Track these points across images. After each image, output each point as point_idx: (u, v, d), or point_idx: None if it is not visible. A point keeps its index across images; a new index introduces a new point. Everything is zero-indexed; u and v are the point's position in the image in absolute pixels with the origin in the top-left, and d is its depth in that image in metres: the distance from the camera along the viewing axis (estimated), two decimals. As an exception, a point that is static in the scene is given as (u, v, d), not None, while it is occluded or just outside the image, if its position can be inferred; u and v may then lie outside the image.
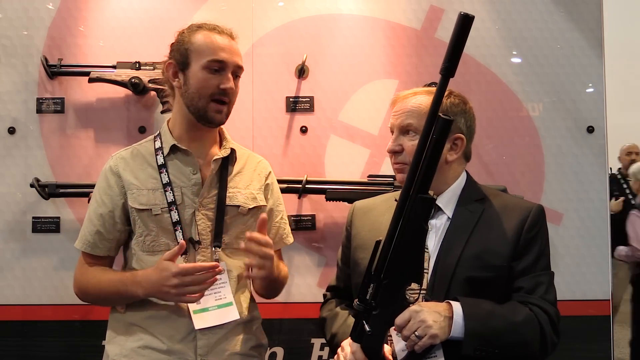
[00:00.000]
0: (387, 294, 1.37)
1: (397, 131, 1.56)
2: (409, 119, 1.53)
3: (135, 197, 1.68)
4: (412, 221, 1.34)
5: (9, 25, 2.50)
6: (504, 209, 1.55)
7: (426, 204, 1.34)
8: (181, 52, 1.68)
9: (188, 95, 1.68)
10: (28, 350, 2.45)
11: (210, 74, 1.65)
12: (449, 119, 1.31)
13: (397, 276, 1.36)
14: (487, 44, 2.54)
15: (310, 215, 2.49)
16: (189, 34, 1.70)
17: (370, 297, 1.37)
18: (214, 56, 1.65)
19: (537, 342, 1.44)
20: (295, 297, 2.48)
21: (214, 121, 1.68)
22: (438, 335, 1.35)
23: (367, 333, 1.37)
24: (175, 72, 1.70)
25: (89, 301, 1.80)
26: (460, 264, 1.47)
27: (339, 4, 2.56)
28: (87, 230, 1.73)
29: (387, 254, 1.36)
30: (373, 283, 1.37)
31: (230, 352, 1.69)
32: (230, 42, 1.69)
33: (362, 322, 1.38)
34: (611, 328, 2.49)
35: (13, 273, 2.46)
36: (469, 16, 1.26)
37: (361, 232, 1.66)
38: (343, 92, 2.54)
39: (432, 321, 1.35)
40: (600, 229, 2.51)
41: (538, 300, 1.47)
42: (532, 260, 1.50)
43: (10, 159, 2.48)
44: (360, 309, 1.38)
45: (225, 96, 1.66)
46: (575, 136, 2.53)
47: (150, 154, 1.73)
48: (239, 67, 1.70)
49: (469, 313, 1.39)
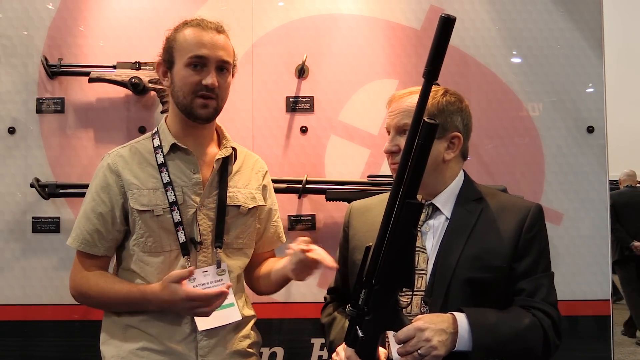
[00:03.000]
0: (378, 299, 1.35)
1: (394, 131, 1.55)
2: (405, 118, 1.51)
3: (136, 198, 1.65)
4: (401, 227, 1.31)
5: (9, 25, 2.50)
6: (502, 208, 1.54)
7: (414, 209, 1.31)
8: (168, 50, 1.68)
9: (175, 94, 1.67)
10: (28, 350, 2.45)
11: (192, 70, 1.64)
12: (434, 123, 1.27)
13: (388, 281, 1.34)
14: (487, 44, 2.54)
15: (310, 215, 2.49)
16: (174, 32, 1.69)
17: (362, 302, 1.35)
18: (194, 52, 1.63)
19: (541, 347, 1.43)
20: (295, 297, 2.48)
21: (201, 117, 1.66)
22: (441, 354, 1.34)
23: (360, 339, 1.36)
24: (164, 72, 1.70)
25: (86, 305, 1.79)
26: (460, 264, 1.45)
27: (339, 4, 2.55)
28: (84, 228, 1.69)
29: (377, 259, 1.34)
30: (365, 288, 1.35)
31: (230, 351, 1.70)
32: (214, 36, 1.66)
33: (356, 327, 1.37)
34: (611, 328, 2.49)
35: (13, 273, 2.46)
36: (450, 18, 1.21)
37: (359, 232, 1.65)
38: (343, 92, 2.53)
39: (437, 342, 1.33)
40: (600, 229, 2.51)
41: (540, 303, 1.46)
42: (532, 261, 1.49)
43: (10, 159, 2.48)
44: (353, 314, 1.37)
45: (209, 92, 1.64)
46: (575, 136, 2.53)
47: (149, 153, 1.71)
48: (223, 61, 1.66)
49: (476, 325, 1.37)
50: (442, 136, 1.51)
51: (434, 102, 1.51)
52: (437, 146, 1.50)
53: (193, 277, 1.64)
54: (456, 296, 1.44)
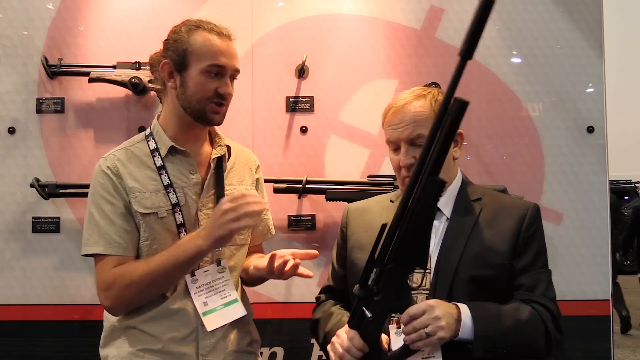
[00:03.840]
0: (390, 279, 1.35)
1: (407, 144, 1.52)
2: (417, 129, 1.50)
3: (139, 201, 1.64)
4: (422, 203, 1.31)
5: (9, 25, 2.50)
6: (501, 208, 1.56)
7: (436, 186, 1.31)
8: (179, 52, 1.65)
9: (185, 98, 1.65)
10: (28, 350, 2.45)
11: (209, 78, 1.63)
12: (465, 101, 1.27)
13: (402, 260, 1.34)
14: (487, 44, 2.54)
15: (310, 215, 2.49)
16: (187, 34, 1.66)
17: (372, 282, 1.35)
18: (215, 61, 1.63)
19: (542, 340, 1.44)
20: (295, 297, 2.48)
21: (213, 122, 1.68)
22: (446, 338, 1.35)
23: (368, 319, 1.35)
24: (170, 73, 1.67)
25: (130, 304, 1.64)
26: (462, 263, 1.47)
27: (339, 4, 2.56)
28: (110, 231, 1.62)
29: (392, 238, 1.34)
30: (376, 268, 1.35)
31: (230, 350, 1.70)
32: (228, 44, 1.67)
33: (362, 308, 1.37)
34: (611, 328, 2.49)
35: (13, 273, 2.46)
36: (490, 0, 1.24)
37: (357, 232, 1.66)
38: (343, 92, 2.54)
39: (445, 322, 1.34)
40: (600, 229, 2.51)
41: (540, 297, 1.48)
42: (531, 258, 1.51)
43: (10, 159, 2.48)
44: (361, 294, 1.36)
45: (223, 99, 1.66)
46: (575, 136, 2.53)
47: (145, 155, 1.69)
48: (236, 70, 1.69)
49: (478, 315, 1.39)
50: None
51: (435, 106, 1.52)
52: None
53: (195, 278, 1.66)
54: (459, 294, 1.45)
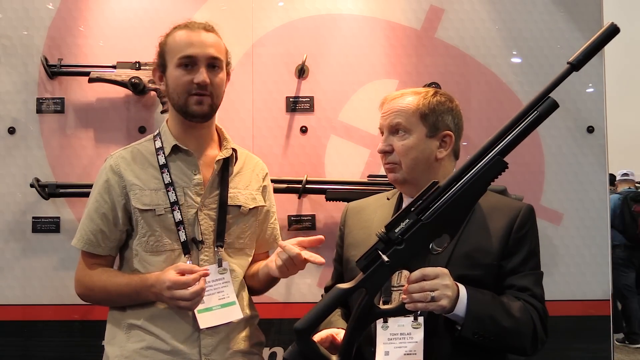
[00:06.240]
0: (418, 234, 1.35)
1: (387, 131, 1.59)
2: (397, 118, 1.55)
3: (138, 198, 1.68)
4: (481, 176, 1.35)
5: (9, 25, 2.50)
6: (494, 208, 1.56)
7: (499, 166, 1.36)
8: (160, 55, 1.73)
9: (170, 96, 1.71)
10: (28, 350, 2.45)
11: (183, 70, 1.67)
12: (556, 104, 1.39)
13: (438, 221, 1.35)
14: (487, 44, 2.54)
15: (310, 215, 2.49)
16: (165, 37, 1.73)
17: (400, 231, 1.36)
18: (183, 52, 1.66)
19: (530, 334, 1.45)
20: (295, 297, 2.48)
21: (197, 114, 1.68)
22: (446, 308, 1.35)
23: (384, 262, 1.34)
24: (160, 77, 1.74)
25: (92, 302, 1.80)
26: (451, 262, 1.48)
27: (339, 4, 2.56)
28: (87, 228, 1.72)
29: (438, 197, 1.36)
30: (409, 219, 1.36)
31: (233, 351, 1.71)
32: (202, 35, 1.69)
33: (378, 251, 1.36)
34: (611, 328, 2.49)
35: (13, 273, 2.46)
36: (617, 29, 1.34)
37: (353, 230, 1.68)
38: (343, 92, 2.54)
39: (451, 292, 1.35)
40: (600, 229, 2.51)
41: (528, 297, 1.49)
42: (521, 259, 1.51)
43: (10, 159, 2.48)
44: (383, 238, 1.36)
45: (202, 89, 1.66)
46: (575, 136, 2.53)
47: (151, 154, 1.73)
48: (213, 57, 1.68)
49: (472, 296, 1.40)
50: (434, 135, 1.56)
51: (424, 102, 1.56)
52: (430, 144, 1.56)
53: None
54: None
